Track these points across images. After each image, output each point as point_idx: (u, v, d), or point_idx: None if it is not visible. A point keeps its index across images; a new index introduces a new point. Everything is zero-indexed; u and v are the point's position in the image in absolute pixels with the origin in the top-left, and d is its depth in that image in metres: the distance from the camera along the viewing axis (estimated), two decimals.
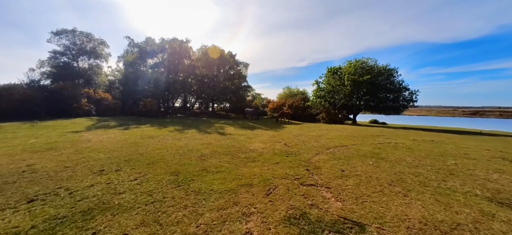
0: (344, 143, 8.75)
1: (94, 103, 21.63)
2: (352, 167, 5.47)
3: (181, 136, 9.69)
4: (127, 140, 8.23)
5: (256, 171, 5.01)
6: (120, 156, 6.03)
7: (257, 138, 10.03)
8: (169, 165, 5.26)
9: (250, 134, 11.30)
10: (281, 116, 22.14)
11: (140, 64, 28.34)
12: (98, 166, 5.10)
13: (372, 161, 6.07)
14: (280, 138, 10.01)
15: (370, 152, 7.22)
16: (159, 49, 28.11)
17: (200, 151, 6.85)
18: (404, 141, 9.48)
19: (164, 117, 22.90)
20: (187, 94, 36.46)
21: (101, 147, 7.07)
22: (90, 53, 27.09)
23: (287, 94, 41.94)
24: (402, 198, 3.69)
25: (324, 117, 25.31)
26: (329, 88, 25.66)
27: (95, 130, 10.81)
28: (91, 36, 26.91)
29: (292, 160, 6.09)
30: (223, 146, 7.84)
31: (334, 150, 7.48)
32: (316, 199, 3.57)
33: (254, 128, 14.48)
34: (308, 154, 6.86)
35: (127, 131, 10.58)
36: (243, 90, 35.42)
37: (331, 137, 10.42)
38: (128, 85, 26.25)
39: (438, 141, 9.81)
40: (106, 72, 30.44)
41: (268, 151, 7.15)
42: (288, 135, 11.27)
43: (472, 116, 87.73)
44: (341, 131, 13.55)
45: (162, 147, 7.27)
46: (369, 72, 24.11)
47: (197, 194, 3.65)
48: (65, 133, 9.56)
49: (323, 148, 7.86)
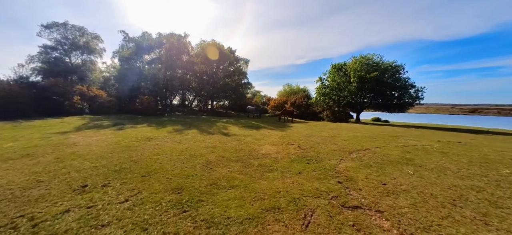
0: (365, 146, 7.81)
1: (87, 100, 20.42)
2: (392, 178, 4.52)
3: (182, 138, 8.66)
4: (120, 143, 7.18)
5: (278, 185, 4.03)
6: (109, 164, 5.01)
7: (265, 139, 9.05)
8: (169, 178, 4.26)
9: (257, 134, 10.31)
10: (284, 114, 21.18)
11: (137, 60, 27.05)
12: (80, 180, 4.08)
13: (411, 169, 5.13)
14: (291, 140, 9.04)
15: (400, 157, 6.28)
16: (156, 44, 26.82)
17: (205, 157, 5.85)
18: (430, 143, 8.57)
19: (162, 116, 21.80)
20: (186, 91, 35.31)
21: (88, 152, 6.02)
22: (83, 48, 25.74)
23: (287, 92, 40.96)
24: (484, 228, 2.75)
25: (328, 115, 24.40)
26: (334, 85, 24.72)
27: (85, 130, 9.72)
28: (84, 30, 25.54)
29: (315, 168, 5.13)
30: (230, 149, 6.85)
31: (359, 155, 6.53)
32: (374, 233, 2.61)
33: (259, 127, 13.49)
34: (331, 160, 5.90)
35: (120, 132, 9.51)
36: (243, 87, 34.33)
37: (346, 138, 9.48)
38: (124, 81, 24.98)
39: (466, 142, 8.92)
40: (100, 68, 29.13)
41: (283, 156, 6.18)
42: (298, 135, 10.30)
43: (471, 114, 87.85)
44: (354, 130, 12.63)
45: (160, 152, 6.24)
46: (375, 68, 23.21)
47: (209, 226, 2.65)
48: (49, 134, 8.46)
49: (344, 151, 6.91)
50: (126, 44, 26.25)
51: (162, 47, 26.86)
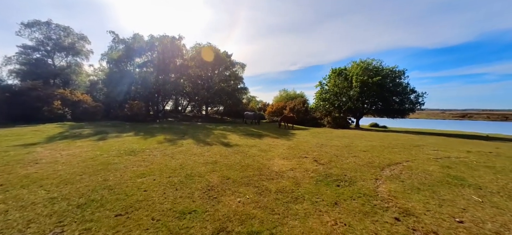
0: (393, 158, 6.68)
1: (70, 106, 18.62)
2: (461, 210, 3.35)
3: (174, 150, 7.28)
4: (97, 159, 5.74)
5: (317, 229, 2.76)
6: (73, 194, 3.61)
7: (273, 151, 7.79)
8: (157, 219, 2.91)
9: (261, 144, 9.04)
10: (284, 121, 20.02)
11: (127, 62, 25.44)
12: (20, 224, 2.69)
13: (475, 195, 3.98)
14: (302, 151, 7.82)
15: (445, 174, 5.15)
16: (148, 47, 25.33)
17: (205, 179, 4.52)
18: (463, 154, 7.52)
19: (153, 122, 20.20)
20: (179, 96, 33.73)
21: (50, 173, 4.58)
22: (69, 49, 23.97)
23: (284, 97, 40.06)
24: None
25: (329, 121, 23.43)
26: (335, 90, 23.86)
27: (58, 142, 8.16)
28: (70, 30, 23.82)
29: (352, 194, 3.91)
30: (235, 166, 5.54)
31: (393, 172, 5.36)
32: None
33: (261, 135, 12.22)
34: (364, 180, 4.69)
35: (101, 144, 8.01)
36: (239, 92, 33.12)
37: (364, 148, 8.34)
38: (113, 86, 23.27)
39: (498, 153, 7.95)
40: (87, 71, 27.29)
41: (303, 176, 4.93)
42: (307, 145, 9.10)
43: (461, 119, 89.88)
44: (365, 138, 11.55)
45: (147, 172, 4.87)
46: (377, 73, 22.58)
47: None
48: (9, 148, 6.88)
49: (372, 167, 5.73)
50: (115, 46, 24.65)
51: (155, 49, 25.42)
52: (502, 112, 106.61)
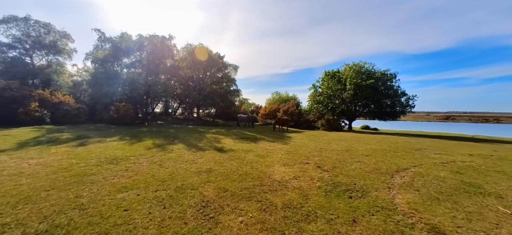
0: (399, 164, 6.31)
1: (50, 107, 17.28)
2: (495, 226, 2.94)
3: (164, 157, 6.58)
4: (71, 170, 4.96)
5: None
6: (34, 216, 2.89)
7: (271, 156, 7.26)
8: None
9: (258, 149, 8.48)
10: (279, 124, 19.59)
11: (114, 62, 24.16)
12: None
13: (501, 205, 3.61)
14: (302, 156, 7.34)
15: (460, 181, 4.81)
16: (137, 46, 24.21)
17: (199, 192, 3.90)
18: (468, 159, 7.29)
19: (141, 125, 19.16)
20: (169, 98, 32.57)
21: (9, 189, 3.80)
22: (49, 48, 22.43)
23: (277, 99, 39.80)
24: None
25: (323, 124, 23.25)
26: (329, 93, 23.76)
27: (29, 148, 7.22)
28: (51, 27, 22.32)
29: (368, 207, 3.43)
30: (232, 175, 4.95)
31: (404, 179, 4.95)
32: None
33: (256, 139, 11.66)
34: (377, 189, 4.24)
35: (80, 150, 7.15)
36: (232, 95, 32.44)
37: (366, 153, 7.98)
38: (98, 87, 21.95)
39: (499, 156, 7.81)
40: (70, 71, 25.70)
41: (310, 186, 4.42)
42: (306, 149, 8.63)
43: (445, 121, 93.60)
44: (364, 141, 11.25)
45: (130, 185, 4.18)
46: (370, 76, 22.71)
47: None
48: None
49: (380, 173, 5.32)
50: (101, 45, 23.35)
51: (144, 49, 24.34)
52: (482, 115, 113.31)
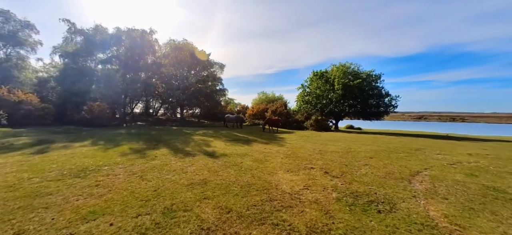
0: (409, 166, 5.89)
1: (8, 107, 14.95)
2: None
3: (146, 166, 5.52)
4: (18, 189, 3.79)
5: None
6: None
7: (270, 160, 6.52)
8: None
9: (253, 153, 7.69)
10: (269, 124, 18.95)
11: (86, 57, 21.88)
12: None
13: None
14: (304, 160, 6.70)
15: (479, 185, 4.43)
16: (114, 40, 22.15)
17: (195, 214, 3.03)
18: (473, 159, 7.14)
19: (119, 127, 17.41)
20: (150, 97, 30.49)
21: None
22: (8, 39, 19.64)
23: (263, 99, 39.27)
24: None
25: (312, 124, 23.07)
26: (318, 93, 23.64)
27: None
28: (10, 15, 19.55)
29: (408, 225, 2.82)
30: (233, 187, 4.12)
31: (425, 185, 4.47)
32: None
33: (248, 141, 10.86)
34: (400, 198, 3.68)
35: (36, 159, 5.82)
36: (217, 94, 31.21)
37: (367, 154, 7.55)
38: (68, 84, 19.63)
39: (496, 155, 7.81)
40: (35, 67, 22.86)
41: (326, 198, 3.74)
42: (305, 151, 8.02)
43: (419, 120, 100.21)
44: (361, 142, 10.94)
45: (100, 209, 3.17)
46: (356, 76, 23.00)
47: None
48: None
49: (394, 178, 4.82)
50: (71, 37, 21.01)
51: (121, 44, 22.37)
52: (450, 114, 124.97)
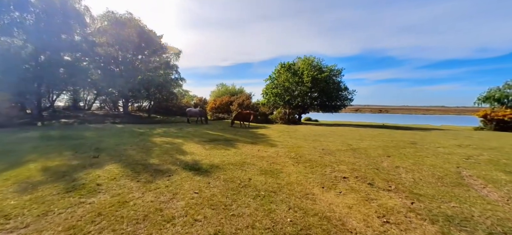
0: (443, 166, 5.05)
1: None
2: None
3: (75, 213, 2.84)
4: None
5: None
6: None
7: (284, 171, 4.68)
8: None
9: (250, 159, 5.68)
10: (239, 119, 16.98)
11: None
12: None
13: None
14: (322, 166, 5.14)
15: None
16: (16, 2, 15.50)
17: None
18: (465, 151, 7.02)
19: (30, 127, 12.20)
20: (80, 87, 23.54)
21: None
22: None
23: (223, 92, 36.81)
24: None
25: (282, 117, 22.26)
26: (286, 85, 22.87)
27: None
28: None
29: None
30: None
31: (488, 189, 3.52)
32: None
33: (229, 141, 8.66)
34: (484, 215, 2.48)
35: None
36: (172, 85, 26.85)
37: (376, 151, 6.60)
38: None
39: (467, 144, 8.10)
40: None
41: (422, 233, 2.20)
42: (309, 152, 6.51)
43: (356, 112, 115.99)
44: (348, 136, 10.18)
45: None
46: (321, 70, 23.29)
47: None
48: None
49: (443, 182, 3.76)
50: None
51: (29, 8, 15.93)
52: (378, 107, 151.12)
